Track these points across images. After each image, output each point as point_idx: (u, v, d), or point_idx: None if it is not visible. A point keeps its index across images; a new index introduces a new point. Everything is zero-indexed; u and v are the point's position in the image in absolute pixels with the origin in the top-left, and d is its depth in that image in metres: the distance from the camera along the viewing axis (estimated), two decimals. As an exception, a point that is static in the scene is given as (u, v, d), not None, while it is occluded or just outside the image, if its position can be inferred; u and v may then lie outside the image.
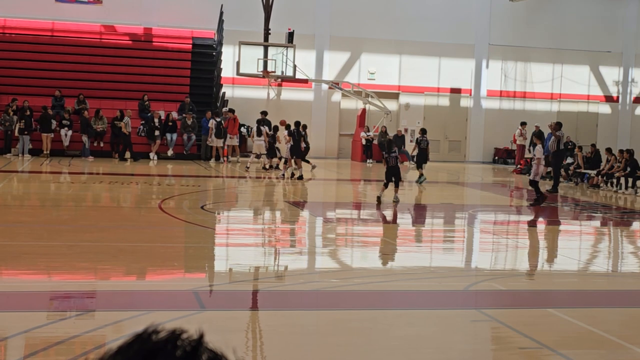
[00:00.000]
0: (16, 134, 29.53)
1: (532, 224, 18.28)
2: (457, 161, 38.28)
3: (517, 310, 9.19)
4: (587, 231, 17.93)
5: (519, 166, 33.39)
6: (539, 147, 20.28)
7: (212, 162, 30.48)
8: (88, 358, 6.47)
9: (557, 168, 25.16)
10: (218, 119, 30.69)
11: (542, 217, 19.84)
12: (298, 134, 25.43)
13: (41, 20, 34.19)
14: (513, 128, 35.58)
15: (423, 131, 26.27)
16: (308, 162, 27.85)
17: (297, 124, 25.80)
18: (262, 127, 27.62)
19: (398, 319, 8.53)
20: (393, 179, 19.10)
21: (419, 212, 19.72)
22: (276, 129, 27.13)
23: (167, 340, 1.23)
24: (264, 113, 30.73)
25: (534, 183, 20.38)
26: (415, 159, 26.03)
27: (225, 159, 30.84)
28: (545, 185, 27.62)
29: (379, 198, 18.98)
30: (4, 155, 28.95)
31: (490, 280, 10.91)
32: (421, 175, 25.13)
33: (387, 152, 19.39)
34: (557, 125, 25.18)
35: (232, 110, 31.59)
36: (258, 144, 27.66)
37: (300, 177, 24.66)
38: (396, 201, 18.92)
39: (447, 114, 38.86)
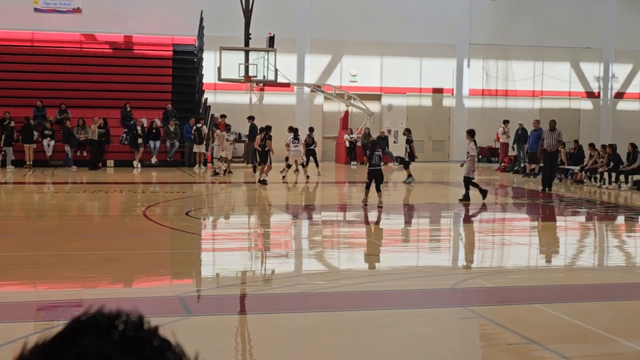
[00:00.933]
0: (2, 145, 29.37)
1: (517, 220, 18.33)
2: (442, 161, 38.36)
3: (504, 307, 9.20)
4: (572, 226, 18.00)
5: (503, 164, 33.50)
6: (471, 144, 20.30)
7: (197, 168, 30.41)
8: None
9: (554, 166, 25.18)
10: (199, 125, 30.58)
11: (527, 214, 19.92)
12: (264, 138, 24.98)
13: (21, 31, 34.03)
14: (496, 126, 35.70)
15: (409, 131, 26.53)
16: (289, 166, 27.36)
17: (268, 128, 25.38)
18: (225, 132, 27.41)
19: (387, 318, 8.53)
20: (375, 182, 18.69)
21: (404, 212, 19.73)
22: (266, 133, 26.56)
23: (109, 320, 1.20)
24: (251, 118, 30.78)
25: (468, 179, 20.20)
26: (406, 159, 25.94)
27: (209, 164, 30.77)
28: (530, 183, 27.72)
29: (365, 204, 18.81)
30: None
31: (476, 278, 10.94)
32: (410, 175, 25.22)
33: (370, 152, 19.15)
34: (553, 124, 25.34)
35: (223, 116, 31.53)
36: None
37: (264, 182, 24.12)
38: (381, 206, 18.59)
39: (430, 114, 38.94)
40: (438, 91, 39.12)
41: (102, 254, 12.14)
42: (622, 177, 25.82)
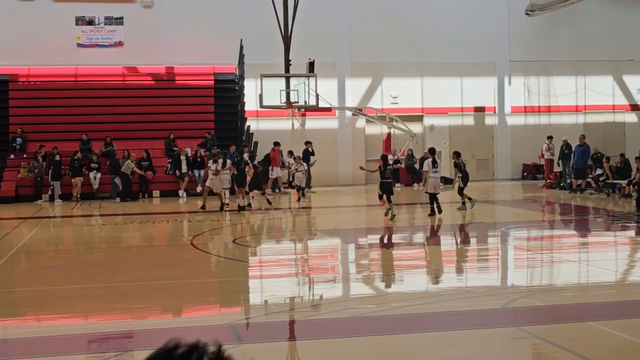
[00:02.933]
0: (49, 180, 29.80)
1: (566, 237, 18.09)
2: (486, 180, 38.06)
3: (557, 326, 9.06)
4: (623, 242, 17.71)
5: (548, 181, 33.15)
6: (427, 161, 22.06)
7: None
8: None
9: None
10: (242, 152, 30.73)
11: (575, 231, 19.66)
12: (240, 161, 24.55)
13: (64, 67, 34.61)
14: (540, 143, 35.38)
15: (457, 154, 24.52)
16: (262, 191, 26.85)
17: (240, 151, 25.59)
18: (227, 160, 25.54)
19: (438, 341, 8.44)
20: (385, 194, 20.63)
21: (452, 233, 19.59)
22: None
23: (186, 354, 1.22)
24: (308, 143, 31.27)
25: (431, 195, 21.57)
26: (460, 182, 24.02)
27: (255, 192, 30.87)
28: (577, 199, 27.37)
29: (392, 215, 20.36)
30: (35, 202, 29.19)
31: (528, 297, 10.79)
32: (470, 198, 23.50)
33: (384, 167, 20.80)
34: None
35: (277, 144, 31.81)
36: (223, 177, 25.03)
37: (242, 208, 23.72)
38: (391, 214, 20.38)
39: (472, 133, 38.72)
40: (480, 110, 38.91)
41: (151, 284, 12.21)
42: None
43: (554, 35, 38.95)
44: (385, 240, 18.55)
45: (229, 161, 25.20)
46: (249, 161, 25.54)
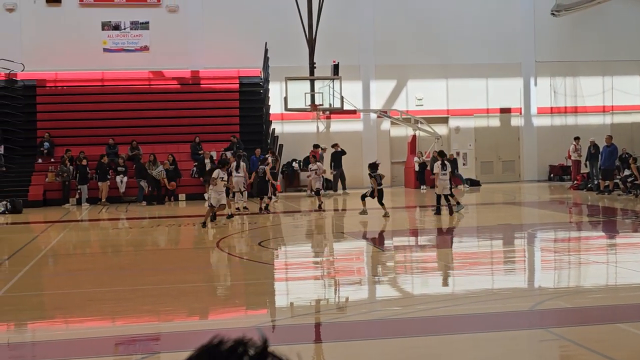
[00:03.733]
0: (76, 184, 30.05)
1: (594, 239, 17.95)
2: (512, 181, 37.88)
3: (585, 327, 8.99)
4: (652, 243, 17.54)
5: (575, 182, 32.92)
6: (437, 163, 22.71)
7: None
8: None
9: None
10: (267, 156, 30.77)
11: (603, 232, 19.51)
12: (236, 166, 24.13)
13: (91, 71, 34.88)
14: (567, 144, 35.16)
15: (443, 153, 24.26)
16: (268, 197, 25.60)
17: (238, 156, 25.06)
18: (242, 162, 25.15)
19: (464, 343, 8.41)
20: (377, 197, 21.87)
21: (477, 235, 19.50)
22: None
23: (232, 349, 1.23)
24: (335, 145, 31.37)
25: (444, 197, 22.38)
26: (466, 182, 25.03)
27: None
28: (605, 200, 27.16)
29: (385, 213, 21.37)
30: (62, 206, 29.42)
31: (555, 299, 10.71)
32: (458, 203, 23.48)
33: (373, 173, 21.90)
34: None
35: (316, 146, 31.94)
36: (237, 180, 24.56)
37: (230, 216, 22.61)
38: (387, 215, 21.71)
39: (498, 135, 38.55)
40: (506, 111, 38.73)
41: (177, 287, 12.26)
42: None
43: (580, 35, 38.68)
44: (410, 242, 18.50)
45: (243, 164, 24.94)
46: (265, 166, 25.33)
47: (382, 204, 22.21)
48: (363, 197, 22.89)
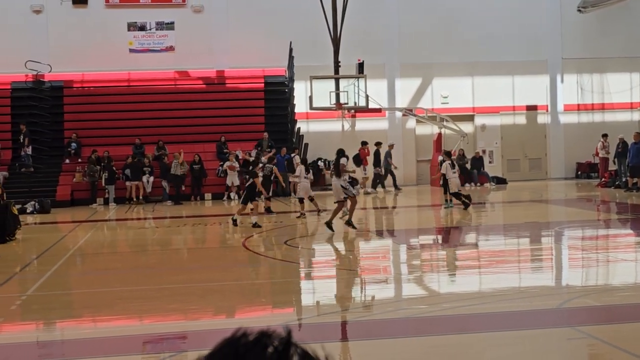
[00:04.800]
0: (103, 184, 30.27)
1: (622, 236, 17.81)
2: (539, 179, 37.65)
3: (613, 326, 8.93)
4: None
5: (603, 179, 32.66)
6: (445, 163, 23.29)
7: (292, 197, 30.59)
8: None
9: None
10: (293, 155, 30.91)
11: (631, 230, 19.34)
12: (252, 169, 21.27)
13: (117, 72, 35.11)
14: (594, 141, 34.88)
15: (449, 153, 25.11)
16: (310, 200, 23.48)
17: (253, 162, 21.94)
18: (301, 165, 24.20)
19: (491, 341, 8.38)
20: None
21: (504, 233, 19.41)
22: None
23: (256, 341, 1.24)
24: (378, 144, 31.39)
25: (456, 194, 23.01)
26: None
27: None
28: (633, 197, 26.93)
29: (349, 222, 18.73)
30: (90, 206, 29.63)
31: (583, 297, 10.64)
32: (449, 200, 23.97)
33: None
34: None
35: (365, 143, 32.13)
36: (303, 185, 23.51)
37: (256, 225, 20.20)
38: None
39: (524, 132, 38.32)
40: (532, 108, 38.50)
41: (204, 285, 12.31)
42: None
43: (607, 31, 38.35)
44: (437, 241, 18.45)
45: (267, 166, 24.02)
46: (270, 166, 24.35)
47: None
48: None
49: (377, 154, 33.05)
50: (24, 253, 18.36)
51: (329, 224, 18.43)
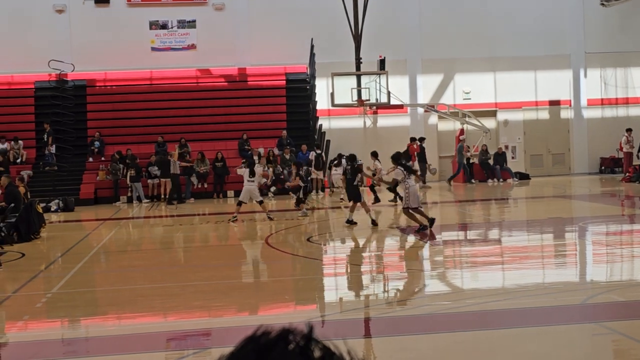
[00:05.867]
0: (129, 182, 30.33)
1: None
2: (562, 174, 37.42)
3: (638, 321, 8.86)
4: None
5: (627, 174, 32.42)
6: (397, 170, 17.78)
7: (314, 194, 30.61)
8: None
9: None
10: (318, 151, 30.96)
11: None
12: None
13: (140, 70, 35.26)
14: (618, 136, 34.63)
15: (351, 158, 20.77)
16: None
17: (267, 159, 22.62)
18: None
19: (516, 337, 8.35)
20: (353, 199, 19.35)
21: (527, 229, 19.31)
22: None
23: (278, 337, 1.25)
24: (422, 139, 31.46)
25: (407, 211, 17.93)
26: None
27: (328, 190, 31.00)
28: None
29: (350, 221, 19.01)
30: (113, 204, 29.78)
31: (607, 293, 10.57)
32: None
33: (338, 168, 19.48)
34: None
35: (413, 139, 32.18)
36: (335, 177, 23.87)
37: (351, 222, 19.31)
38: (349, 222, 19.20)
39: (547, 127, 38.10)
40: (555, 103, 38.26)
41: (228, 282, 12.35)
42: None
43: (630, 25, 38.03)
44: (459, 237, 18.39)
45: (259, 168, 23.92)
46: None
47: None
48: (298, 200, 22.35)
49: (422, 151, 33.11)
50: (48, 251, 18.50)
51: (373, 222, 18.84)
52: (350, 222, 19.23)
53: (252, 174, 21.61)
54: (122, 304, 11.24)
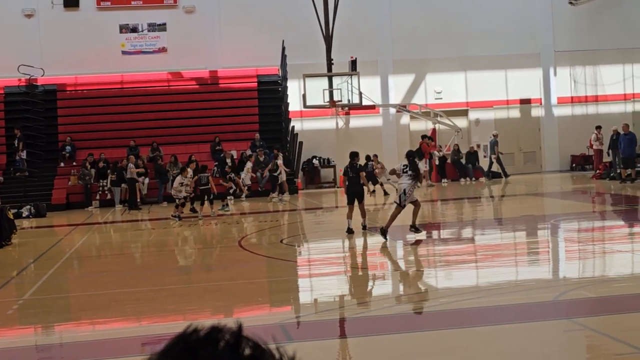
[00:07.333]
0: (109, 186, 30.16)
1: (617, 228, 17.85)
2: (534, 172, 37.71)
3: (610, 317, 8.96)
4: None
5: (598, 171, 32.72)
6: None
7: (284, 196, 30.55)
8: None
9: None
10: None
11: (626, 221, 19.39)
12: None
13: (110, 74, 35.07)
14: (588, 133, 34.95)
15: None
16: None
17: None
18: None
19: (489, 335, 8.40)
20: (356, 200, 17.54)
21: (500, 226, 19.44)
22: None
23: (207, 335, 1.26)
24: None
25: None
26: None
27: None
28: (627, 189, 26.97)
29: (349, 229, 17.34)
30: (85, 209, 29.58)
31: (579, 289, 10.67)
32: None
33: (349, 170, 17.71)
34: None
35: (424, 137, 32.15)
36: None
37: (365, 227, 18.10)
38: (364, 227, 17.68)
39: (518, 126, 38.36)
40: (526, 102, 38.54)
41: (201, 285, 12.32)
42: None
43: (599, 23, 38.39)
44: (433, 236, 18.46)
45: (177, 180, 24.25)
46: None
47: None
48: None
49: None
50: (20, 257, 18.35)
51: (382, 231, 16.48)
52: (351, 231, 17.50)
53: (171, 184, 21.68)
54: (96, 309, 11.17)
